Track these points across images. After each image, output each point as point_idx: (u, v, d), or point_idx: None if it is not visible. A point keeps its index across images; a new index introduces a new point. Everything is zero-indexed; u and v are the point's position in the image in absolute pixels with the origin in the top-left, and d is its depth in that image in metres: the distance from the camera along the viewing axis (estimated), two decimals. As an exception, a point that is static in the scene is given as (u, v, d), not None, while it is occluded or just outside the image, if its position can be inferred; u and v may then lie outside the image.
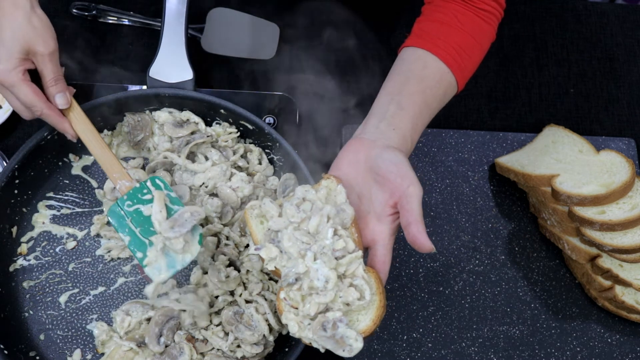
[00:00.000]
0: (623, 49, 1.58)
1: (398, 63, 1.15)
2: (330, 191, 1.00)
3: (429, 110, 1.11)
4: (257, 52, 1.46)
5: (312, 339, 0.94)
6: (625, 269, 1.28)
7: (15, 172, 1.20)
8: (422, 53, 1.14)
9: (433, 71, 1.13)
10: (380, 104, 1.09)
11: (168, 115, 1.29)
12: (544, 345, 1.29)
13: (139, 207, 1.09)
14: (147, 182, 1.11)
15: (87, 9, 1.49)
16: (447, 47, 1.14)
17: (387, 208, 0.99)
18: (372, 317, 0.95)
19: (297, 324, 0.94)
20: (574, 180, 1.31)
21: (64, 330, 1.20)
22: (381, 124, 1.06)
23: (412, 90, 1.09)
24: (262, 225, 1.00)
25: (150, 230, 1.08)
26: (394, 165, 0.99)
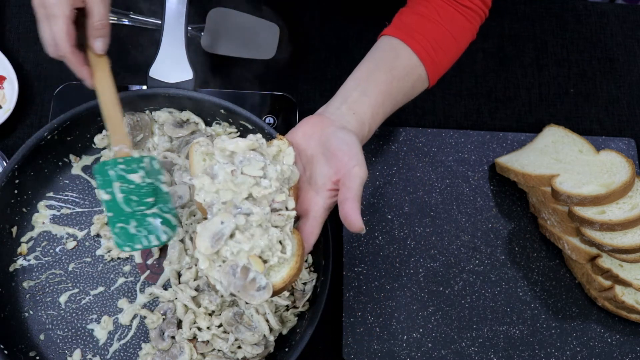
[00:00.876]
0: (623, 49, 1.58)
1: (372, 50, 1.17)
2: (280, 152, 1.02)
3: (392, 101, 1.13)
4: (257, 52, 1.46)
5: (217, 280, 0.95)
6: (625, 269, 1.28)
7: (15, 172, 1.20)
8: (396, 43, 1.15)
9: (404, 62, 1.14)
10: (345, 88, 1.11)
11: (168, 115, 1.29)
12: (544, 345, 1.29)
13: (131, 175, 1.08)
14: (145, 159, 1.10)
15: (87, 9, 1.49)
16: (423, 40, 1.14)
17: (328, 183, 1.00)
18: (284, 276, 0.96)
19: (208, 261, 0.95)
20: (574, 180, 1.31)
21: (64, 330, 1.20)
22: (342, 107, 1.08)
23: (378, 79, 1.11)
24: (204, 162, 1.02)
25: (131, 199, 1.07)
26: (346, 144, 1.00)
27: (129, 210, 1.07)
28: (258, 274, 0.94)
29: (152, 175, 1.10)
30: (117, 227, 1.06)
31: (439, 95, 1.47)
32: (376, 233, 1.34)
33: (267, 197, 0.98)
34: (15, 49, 1.46)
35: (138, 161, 1.09)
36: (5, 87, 1.39)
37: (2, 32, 1.47)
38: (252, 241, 0.95)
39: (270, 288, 0.95)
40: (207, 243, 0.95)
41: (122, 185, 1.07)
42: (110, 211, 1.07)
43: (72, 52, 1.09)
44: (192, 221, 1.22)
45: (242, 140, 1.00)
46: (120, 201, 1.07)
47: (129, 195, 1.07)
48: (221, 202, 0.97)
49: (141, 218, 1.07)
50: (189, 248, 1.21)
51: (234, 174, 0.97)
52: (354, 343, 1.27)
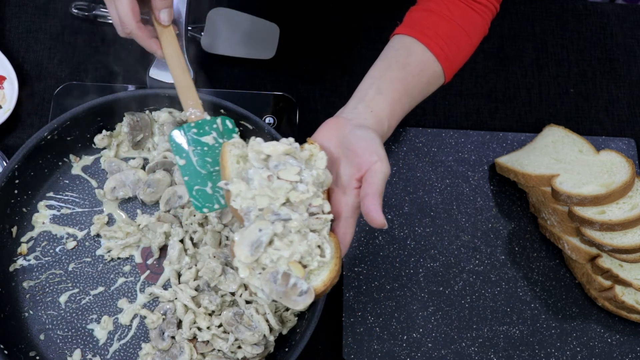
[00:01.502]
0: (623, 49, 1.58)
1: (385, 50, 1.17)
2: (312, 155, 1.01)
3: (409, 98, 1.12)
4: (257, 52, 1.46)
5: (258, 288, 0.94)
6: (625, 269, 1.28)
7: (15, 172, 1.20)
8: (409, 41, 1.15)
9: (418, 59, 1.14)
10: (361, 87, 1.11)
11: (168, 115, 1.29)
12: (544, 345, 1.29)
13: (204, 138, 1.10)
14: (217, 119, 1.12)
15: (87, 9, 1.49)
16: (435, 36, 1.14)
17: (353, 181, 0.99)
18: (324, 279, 0.95)
19: (248, 269, 0.94)
20: (574, 180, 1.31)
21: (64, 330, 1.20)
22: (359, 105, 1.07)
23: (393, 77, 1.11)
24: (238, 164, 1.01)
25: (206, 161, 1.08)
26: (365, 141, 1.00)
27: (204, 172, 1.08)
28: (299, 280, 0.93)
29: (227, 134, 1.11)
30: (195, 190, 1.07)
31: (439, 95, 1.47)
32: (376, 233, 1.34)
33: (305, 202, 0.97)
34: (15, 49, 1.46)
35: (210, 123, 1.11)
36: (5, 87, 1.39)
37: (2, 32, 1.47)
38: (291, 247, 0.94)
39: (312, 292, 0.94)
40: (246, 252, 0.93)
41: (196, 149, 1.09)
42: (185, 175, 1.08)
43: (138, 28, 1.12)
44: (192, 221, 1.22)
45: (278, 144, 0.99)
46: (195, 164, 1.08)
47: (203, 158, 1.08)
48: (258, 209, 0.96)
49: (217, 178, 1.07)
50: (188, 248, 1.21)
51: (270, 179, 0.97)
52: (354, 343, 1.27)
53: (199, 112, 1.13)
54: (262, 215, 0.95)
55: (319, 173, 0.98)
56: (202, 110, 1.13)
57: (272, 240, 0.94)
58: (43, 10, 1.50)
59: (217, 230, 1.22)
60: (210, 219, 1.22)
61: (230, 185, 0.97)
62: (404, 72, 1.12)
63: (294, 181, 0.96)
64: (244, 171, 0.99)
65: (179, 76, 1.16)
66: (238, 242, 0.94)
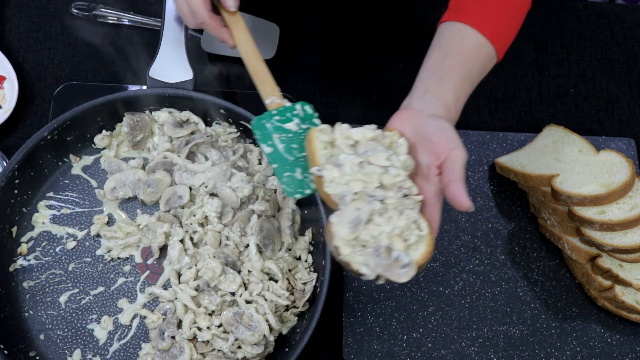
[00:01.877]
0: (623, 49, 1.58)
1: (436, 38, 1.18)
2: (393, 143, 1.04)
3: (470, 83, 1.14)
4: (257, 52, 1.46)
5: (362, 263, 0.96)
6: (625, 269, 1.28)
7: (15, 172, 1.20)
8: (459, 26, 1.16)
9: (471, 43, 1.15)
10: (421, 78, 1.13)
11: (168, 115, 1.29)
12: (544, 345, 1.29)
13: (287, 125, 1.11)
14: (297, 105, 1.12)
15: (87, 9, 1.49)
16: (484, 19, 1.15)
17: (433, 169, 1.02)
18: (422, 252, 0.98)
19: (349, 248, 0.97)
20: (574, 180, 1.31)
21: (64, 330, 1.20)
22: (426, 95, 1.09)
23: (451, 64, 1.13)
24: (325, 150, 1.04)
25: (292, 147, 1.10)
26: (441, 130, 1.03)
27: (291, 158, 1.09)
28: (401, 253, 0.96)
29: (307, 120, 1.12)
30: (285, 176, 1.08)
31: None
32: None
33: (396, 185, 1.00)
34: (15, 49, 1.46)
35: (291, 109, 1.12)
36: (5, 87, 1.39)
37: (2, 32, 1.47)
38: (391, 222, 0.97)
39: (414, 264, 0.96)
40: (346, 229, 0.97)
41: (280, 136, 1.10)
42: (274, 162, 1.09)
43: (211, 17, 1.16)
44: (192, 221, 1.22)
45: (366, 130, 1.04)
46: (282, 151, 1.09)
47: (289, 144, 1.09)
48: (353, 193, 0.99)
49: (305, 164, 1.09)
50: (188, 248, 1.21)
51: (361, 165, 1.00)
52: (354, 343, 1.27)
53: (278, 100, 1.14)
54: (357, 197, 0.98)
55: (405, 159, 1.02)
56: (280, 97, 1.15)
57: (370, 219, 0.97)
58: (43, 10, 1.50)
59: (217, 230, 1.22)
60: (210, 219, 1.22)
61: (323, 172, 1.01)
62: (461, 58, 1.13)
63: (385, 166, 1.00)
64: (333, 157, 1.03)
65: (254, 64, 1.18)
66: (336, 222, 0.97)
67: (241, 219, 1.23)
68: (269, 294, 1.18)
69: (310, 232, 1.26)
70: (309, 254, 1.25)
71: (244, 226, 1.22)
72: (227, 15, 1.18)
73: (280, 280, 1.19)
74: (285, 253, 1.22)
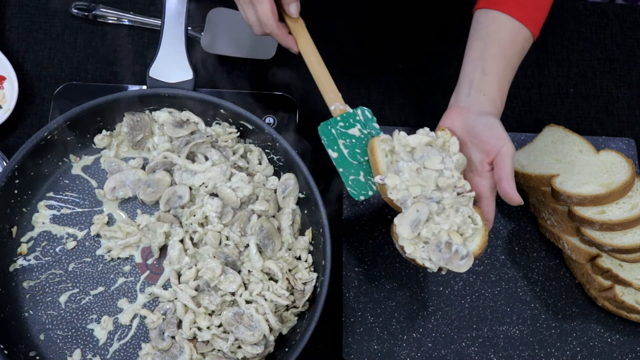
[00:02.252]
0: (623, 49, 1.58)
1: (475, 27, 1.25)
2: (445, 142, 1.17)
3: (511, 69, 1.22)
4: (257, 52, 1.46)
5: (425, 258, 1.10)
6: (625, 269, 1.28)
7: (15, 172, 1.20)
8: (494, 14, 1.23)
9: (509, 30, 1.22)
10: (466, 71, 1.21)
11: (168, 115, 1.29)
12: (544, 345, 1.29)
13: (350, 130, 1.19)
14: (357, 111, 1.21)
15: (87, 9, 1.49)
16: (518, 3, 1.22)
17: (485, 165, 1.13)
18: (479, 243, 1.12)
19: (412, 246, 1.11)
20: (574, 180, 1.31)
21: (64, 330, 1.20)
22: (472, 92, 1.18)
23: (492, 53, 1.20)
24: (386, 158, 1.16)
25: (356, 152, 1.19)
26: (489, 128, 1.13)
27: (355, 162, 1.19)
28: (459, 246, 1.10)
29: (368, 125, 1.20)
30: (350, 179, 1.18)
31: (440, 95, 1.47)
32: (376, 233, 1.34)
33: (451, 185, 1.12)
34: (15, 49, 1.46)
35: (354, 115, 1.21)
36: (5, 87, 1.39)
37: (2, 32, 1.48)
38: (449, 220, 1.10)
39: (471, 255, 1.10)
40: (408, 229, 1.10)
41: (345, 141, 1.19)
42: (340, 167, 1.18)
43: (278, 27, 1.20)
44: (192, 221, 1.22)
45: (421, 136, 1.15)
46: (347, 156, 1.19)
47: (353, 149, 1.19)
48: (413, 197, 1.12)
49: (367, 167, 1.18)
50: (188, 248, 1.21)
51: (418, 171, 1.12)
52: (354, 343, 1.27)
53: (341, 106, 1.21)
54: (417, 200, 1.12)
55: (458, 158, 1.14)
56: (343, 103, 1.21)
57: (429, 218, 1.11)
58: (43, 10, 1.50)
59: (217, 230, 1.22)
60: (210, 219, 1.22)
61: (386, 180, 1.13)
62: (500, 47, 1.21)
63: (439, 169, 1.13)
64: (393, 164, 1.15)
65: (318, 71, 1.23)
66: (399, 224, 1.11)
67: (241, 219, 1.23)
68: (269, 294, 1.18)
69: (310, 232, 1.26)
70: (309, 254, 1.25)
71: (244, 226, 1.22)
72: (290, 22, 1.23)
73: (280, 280, 1.19)
74: (286, 253, 1.22)
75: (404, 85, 1.47)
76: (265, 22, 1.18)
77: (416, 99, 1.42)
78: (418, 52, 1.52)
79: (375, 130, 1.21)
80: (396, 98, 1.47)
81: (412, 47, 1.53)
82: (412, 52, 1.52)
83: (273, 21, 1.19)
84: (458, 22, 1.52)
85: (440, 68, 1.49)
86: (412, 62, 1.51)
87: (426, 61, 1.51)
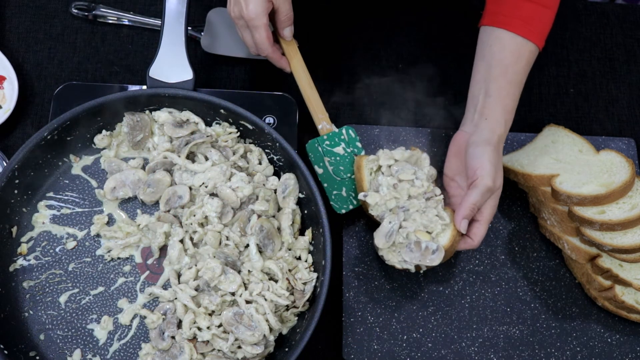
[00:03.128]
0: (623, 49, 1.58)
1: (480, 46, 1.33)
2: (418, 159, 1.30)
3: (516, 86, 1.29)
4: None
5: (401, 261, 1.23)
6: (625, 269, 1.28)
7: (15, 172, 1.20)
8: (498, 33, 1.30)
9: (512, 49, 1.29)
10: (472, 94, 1.31)
11: (168, 115, 1.29)
12: (544, 345, 1.29)
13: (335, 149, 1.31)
14: (342, 130, 1.32)
15: (87, 9, 1.49)
16: (521, 20, 1.27)
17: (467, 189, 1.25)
18: (449, 237, 1.23)
19: (391, 254, 1.23)
20: (574, 180, 1.31)
21: (64, 330, 1.20)
22: (475, 116, 1.29)
23: (495, 75, 1.28)
24: (370, 176, 1.28)
25: (339, 169, 1.31)
26: (477, 158, 1.23)
27: (338, 178, 1.31)
28: (428, 242, 1.21)
29: (351, 143, 1.32)
30: (333, 194, 1.31)
31: (439, 96, 1.47)
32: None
33: (421, 193, 1.24)
34: (15, 49, 1.46)
35: (339, 135, 1.32)
36: (5, 87, 1.39)
37: (2, 32, 1.47)
38: (415, 223, 1.22)
39: (441, 249, 1.21)
40: (383, 240, 1.22)
41: (330, 159, 1.31)
42: (325, 182, 1.31)
43: (273, 50, 1.29)
44: (192, 221, 1.22)
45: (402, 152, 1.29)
46: (331, 172, 1.31)
47: (337, 166, 1.31)
48: (389, 209, 1.24)
49: (349, 183, 1.31)
50: (188, 248, 1.21)
51: (395, 186, 1.24)
52: (354, 343, 1.27)
53: (328, 125, 1.32)
54: (391, 213, 1.24)
55: (428, 170, 1.29)
56: (330, 123, 1.33)
57: (400, 226, 1.22)
58: (43, 10, 1.50)
59: (217, 230, 1.22)
60: (210, 219, 1.22)
61: (368, 198, 1.25)
62: (503, 67, 1.28)
63: (410, 180, 1.25)
64: (374, 180, 1.27)
65: (308, 91, 1.33)
66: (376, 237, 1.23)
67: (241, 219, 1.23)
68: (269, 293, 1.17)
69: (310, 232, 1.26)
70: (309, 254, 1.25)
71: (244, 226, 1.22)
72: (284, 44, 1.33)
73: (281, 280, 1.19)
74: (285, 253, 1.22)
75: (404, 85, 1.47)
76: (261, 46, 1.27)
77: (416, 99, 1.42)
78: (418, 53, 1.52)
79: (358, 148, 1.32)
80: (396, 97, 1.47)
81: (412, 47, 1.53)
82: (412, 52, 1.52)
83: (268, 45, 1.27)
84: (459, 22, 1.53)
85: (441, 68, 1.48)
86: (412, 62, 1.51)
87: (427, 61, 1.51)
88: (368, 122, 1.44)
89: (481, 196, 1.21)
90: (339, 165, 1.31)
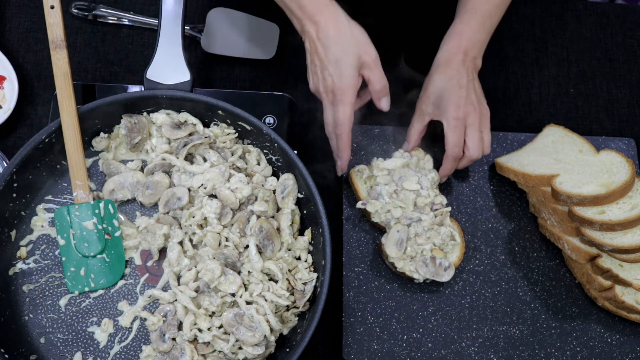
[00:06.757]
0: (623, 49, 1.57)
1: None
2: (420, 160, 1.32)
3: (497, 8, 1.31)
4: (256, 52, 1.46)
5: (413, 271, 1.27)
6: (625, 269, 1.28)
7: (13, 175, 1.20)
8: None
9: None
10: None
11: (165, 117, 1.28)
12: (544, 345, 1.30)
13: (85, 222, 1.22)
14: (100, 204, 1.23)
15: (87, 9, 1.49)
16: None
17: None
18: (458, 254, 1.30)
19: (401, 261, 1.27)
20: (574, 180, 1.31)
21: (64, 333, 1.20)
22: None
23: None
24: (365, 184, 1.32)
25: (84, 245, 1.21)
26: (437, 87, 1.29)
27: (80, 255, 1.21)
28: (442, 259, 1.27)
29: (106, 219, 1.23)
30: (70, 270, 1.21)
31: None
32: (376, 233, 1.35)
33: (428, 204, 1.28)
34: (15, 49, 1.47)
35: (93, 207, 1.23)
36: (5, 87, 1.40)
37: (2, 32, 1.48)
38: (430, 241, 1.27)
39: (452, 266, 1.27)
40: (394, 250, 1.26)
41: (76, 232, 1.22)
42: (64, 255, 1.21)
43: (348, 135, 1.22)
44: (192, 223, 1.22)
45: (397, 159, 1.31)
46: (73, 247, 1.22)
47: (81, 242, 1.22)
48: (395, 218, 1.27)
49: (91, 263, 1.21)
50: (188, 250, 1.22)
51: (397, 192, 1.27)
52: (354, 343, 1.27)
53: (84, 195, 1.23)
54: (398, 221, 1.27)
55: (433, 176, 1.31)
56: (87, 193, 1.24)
57: (410, 238, 1.27)
58: (43, 10, 1.50)
59: (216, 232, 1.22)
60: (210, 220, 1.22)
61: (367, 206, 1.28)
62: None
63: (416, 190, 1.28)
64: (373, 189, 1.30)
65: (74, 156, 1.23)
66: (386, 245, 1.27)
67: (240, 220, 1.23)
68: (269, 294, 1.18)
69: (309, 232, 1.26)
70: (309, 254, 1.25)
71: (244, 227, 1.22)
72: None
73: (281, 281, 1.19)
74: (285, 253, 1.22)
75: (404, 85, 1.47)
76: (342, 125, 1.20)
77: (416, 99, 1.42)
78: (417, 53, 1.52)
79: (114, 227, 1.23)
80: (396, 97, 1.47)
81: (412, 47, 1.53)
82: (411, 52, 1.52)
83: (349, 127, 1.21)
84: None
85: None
86: (412, 62, 1.51)
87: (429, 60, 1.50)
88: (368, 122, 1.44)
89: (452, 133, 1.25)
90: (84, 242, 1.21)
